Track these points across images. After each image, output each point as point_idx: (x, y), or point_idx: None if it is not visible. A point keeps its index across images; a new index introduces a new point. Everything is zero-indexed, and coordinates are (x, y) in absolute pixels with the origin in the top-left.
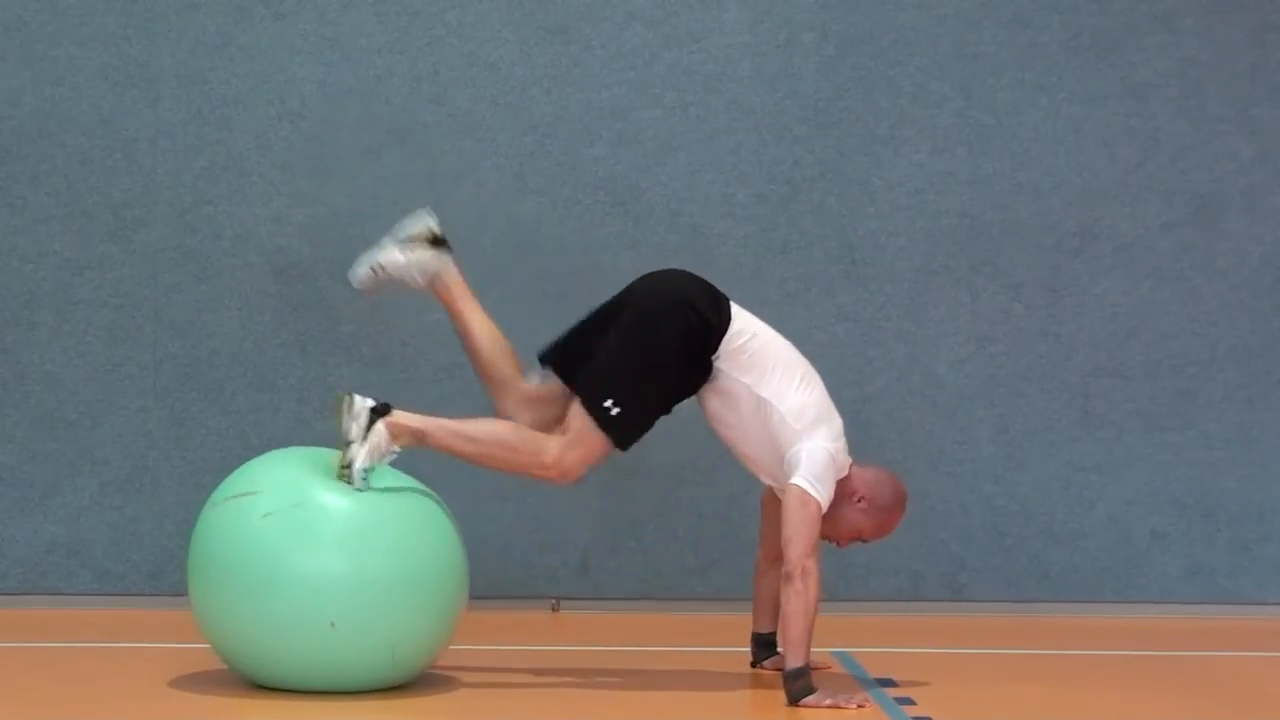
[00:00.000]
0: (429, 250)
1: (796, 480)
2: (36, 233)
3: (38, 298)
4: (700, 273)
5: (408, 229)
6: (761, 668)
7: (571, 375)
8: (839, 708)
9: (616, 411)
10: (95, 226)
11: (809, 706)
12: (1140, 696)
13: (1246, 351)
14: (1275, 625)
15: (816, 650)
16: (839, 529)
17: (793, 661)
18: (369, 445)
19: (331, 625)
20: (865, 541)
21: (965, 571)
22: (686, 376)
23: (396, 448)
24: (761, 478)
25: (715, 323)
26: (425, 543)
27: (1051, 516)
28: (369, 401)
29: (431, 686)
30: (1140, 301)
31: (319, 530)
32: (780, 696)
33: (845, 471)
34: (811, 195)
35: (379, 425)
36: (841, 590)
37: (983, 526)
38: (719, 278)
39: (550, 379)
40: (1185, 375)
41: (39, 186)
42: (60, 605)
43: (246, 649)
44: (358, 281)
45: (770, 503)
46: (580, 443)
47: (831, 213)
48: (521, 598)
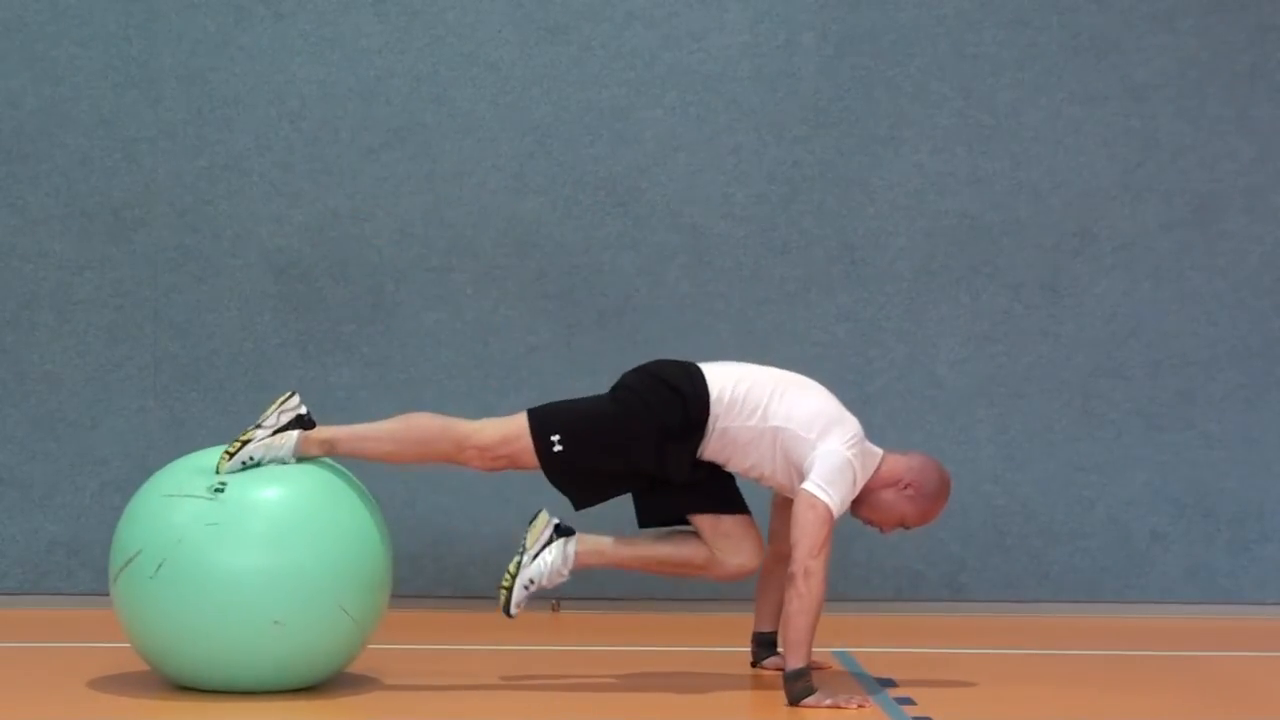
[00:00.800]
0: (558, 541)
1: (807, 484)
2: (36, 233)
3: (38, 298)
4: (700, 273)
5: (531, 537)
6: (761, 668)
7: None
8: (839, 708)
9: (559, 450)
10: (95, 226)
11: (809, 707)
12: (1140, 696)
13: (1246, 351)
14: (1275, 625)
15: (817, 650)
16: (886, 516)
17: (793, 662)
18: (271, 440)
19: (275, 623)
20: (908, 529)
21: (965, 571)
22: (657, 454)
23: (292, 460)
24: (783, 491)
25: (690, 392)
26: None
27: (1051, 516)
28: (302, 409)
29: (431, 686)
30: (1140, 301)
31: (233, 535)
32: (780, 696)
33: (874, 467)
34: (811, 195)
35: (293, 434)
36: (841, 590)
37: (983, 526)
38: (719, 278)
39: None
40: (1185, 375)
41: (39, 186)
42: (60, 605)
43: (191, 666)
44: (517, 609)
45: (780, 505)
46: (501, 425)
47: (831, 213)
48: None
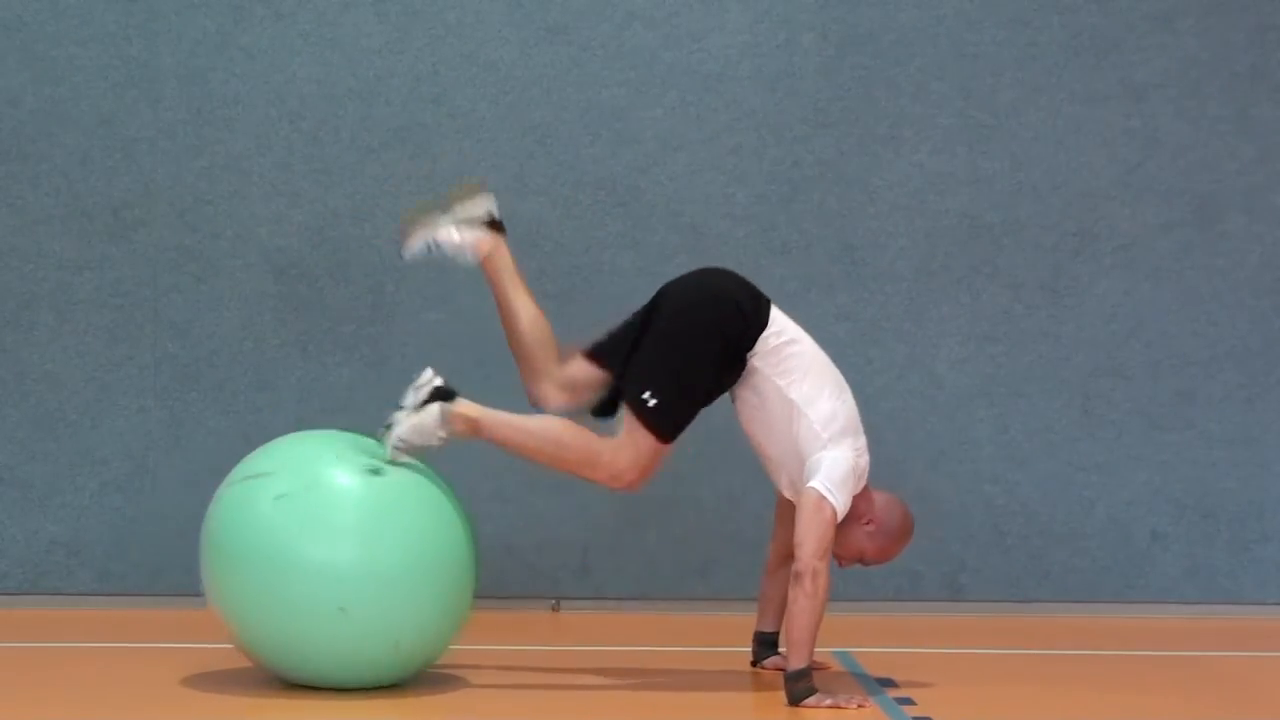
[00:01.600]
0: (485, 232)
1: (814, 484)
2: (36, 233)
3: (38, 298)
4: None
5: (467, 210)
6: (761, 667)
7: (615, 369)
8: (839, 708)
9: (654, 403)
10: (95, 226)
11: (809, 707)
12: (1140, 696)
13: (1246, 351)
14: (1275, 625)
15: (817, 650)
16: (843, 548)
17: (795, 662)
18: (416, 419)
19: (341, 610)
20: (865, 564)
21: (965, 571)
22: (721, 371)
23: (443, 434)
24: (781, 484)
25: (753, 319)
26: (437, 534)
27: (1051, 516)
28: (437, 380)
29: (432, 685)
30: (1140, 301)
31: (330, 515)
32: (780, 696)
33: (861, 489)
34: (811, 195)
35: (433, 407)
36: (841, 590)
37: (983, 526)
38: None
39: (587, 367)
40: (1185, 375)
41: (39, 186)
42: (60, 605)
43: (256, 630)
44: (410, 255)
45: (785, 504)
46: (629, 443)
47: (831, 213)
48: (521, 598)
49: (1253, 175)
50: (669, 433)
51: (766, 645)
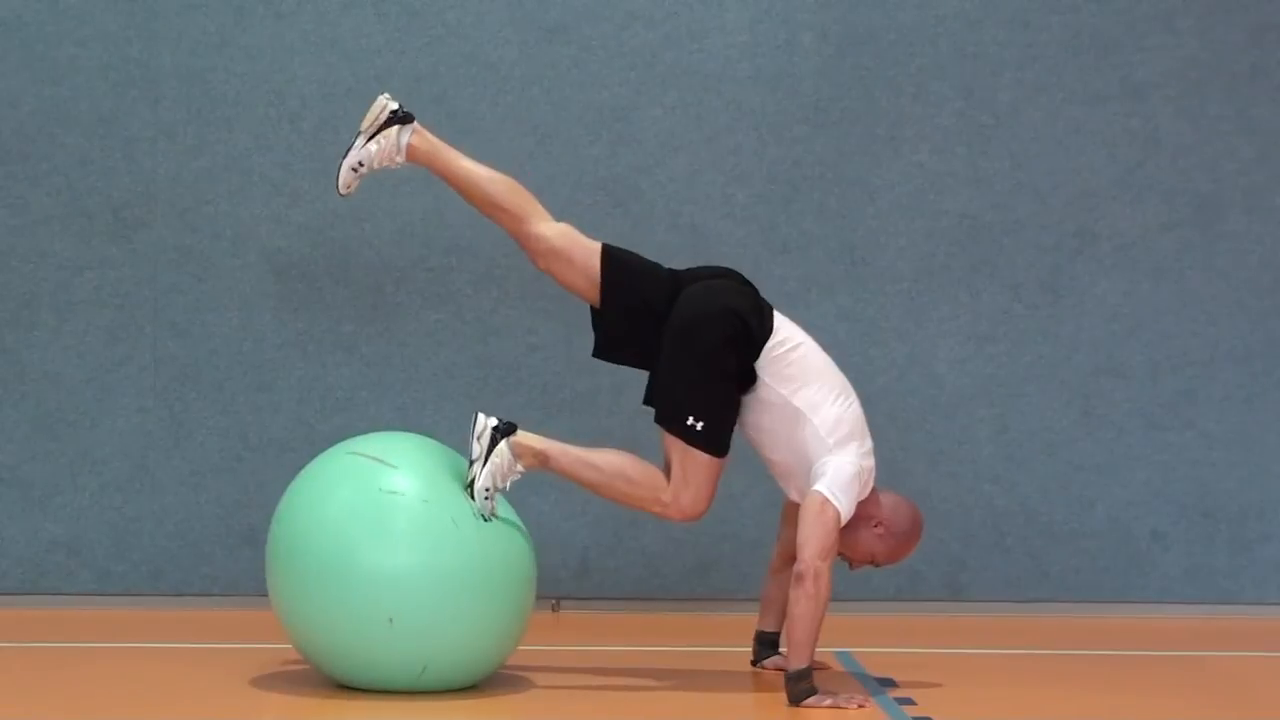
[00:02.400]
0: (395, 128)
1: (819, 487)
2: (36, 233)
3: (38, 298)
4: None
5: (369, 118)
6: (761, 667)
7: (622, 356)
8: (839, 708)
9: (701, 425)
10: (95, 226)
11: (809, 707)
12: (1140, 696)
13: (1246, 351)
14: (1275, 625)
15: (818, 650)
16: (854, 550)
17: (796, 663)
18: (491, 466)
19: (389, 621)
20: (877, 565)
21: (965, 571)
22: (739, 381)
23: (521, 468)
24: (787, 488)
25: (759, 330)
26: (500, 561)
27: (1051, 516)
28: (492, 420)
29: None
30: (1140, 301)
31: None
32: (780, 696)
33: (868, 492)
34: (811, 195)
35: (502, 445)
36: (841, 590)
37: (983, 526)
38: None
39: (567, 236)
40: (1185, 375)
41: (39, 186)
42: (60, 605)
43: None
44: (343, 187)
45: (791, 505)
46: (687, 477)
47: (831, 213)
48: None
49: (1253, 175)
50: (723, 448)
51: (767, 645)
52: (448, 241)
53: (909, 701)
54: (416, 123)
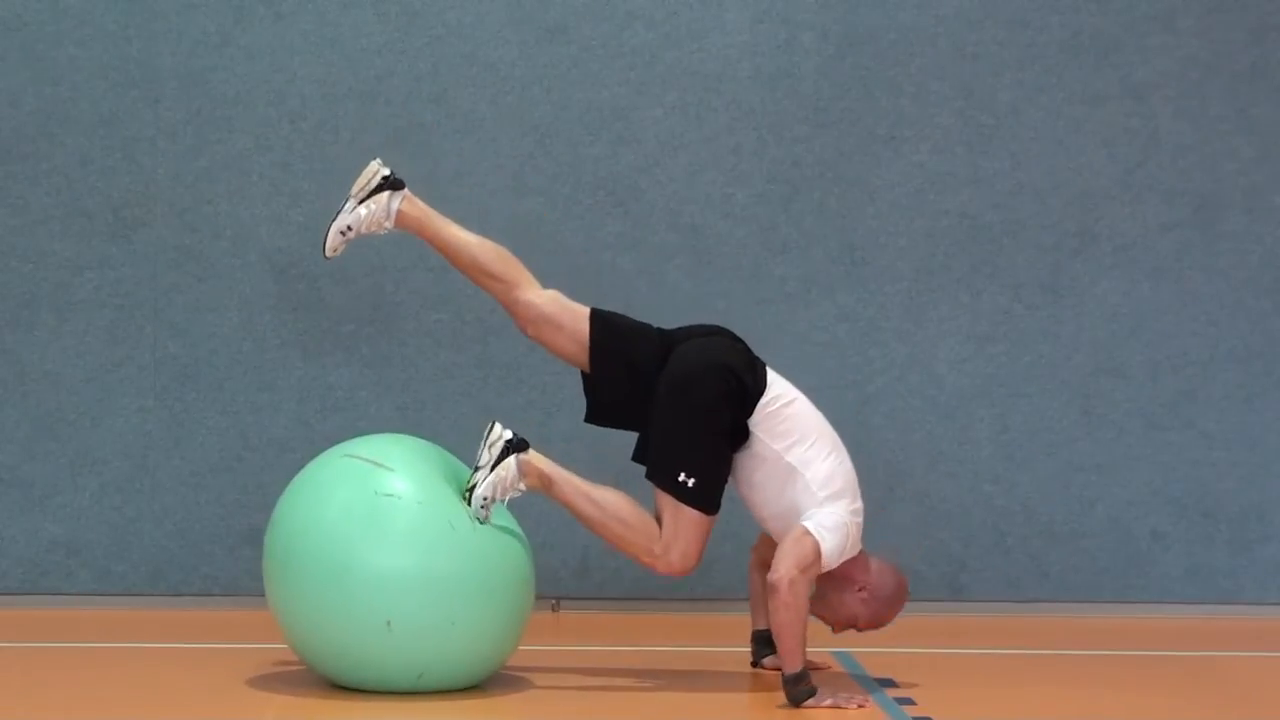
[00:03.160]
0: (386, 193)
1: (806, 522)
2: (36, 233)
3: (38, 298)
4: (700, 273)
5: (360, 182)
6: (761, 666)
7: (615, 420)
8: (839, 708)
9: (693, 482)
10: (95, 226)
11: (809, 707)
12: (1140, 696)
13: (1246, 351)
14: (1275, 625)
15: (817, 650)
16: (836, 614)
17: (790, 667)
18: (495, 476)
19: (387, 624)
20: (859, 630)
21: (965, 571)
22: (732, 438)
23: (523, 486)
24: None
25: (753, 386)
26: (497, 564)
27: (1051, 516)
28: (507, 433)
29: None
30: (1140, 301)
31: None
32: (780, 696)
33: (852, 554)
34: (811, 195)
35: (510, 460)
36: None
37: (983, 526)
38: (719, 278)
39: (555, 302)
40: (1185, 375)
41: (39, 186)
42: (60, 605)
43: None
44: (330, 250)
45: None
46: (678, 533)
47: (831, 213)
48: None
49: (1253, 175)
50: (714, 506)
51: (765, 644)
52: None
53: (909, 701)
54: (407, 189)
